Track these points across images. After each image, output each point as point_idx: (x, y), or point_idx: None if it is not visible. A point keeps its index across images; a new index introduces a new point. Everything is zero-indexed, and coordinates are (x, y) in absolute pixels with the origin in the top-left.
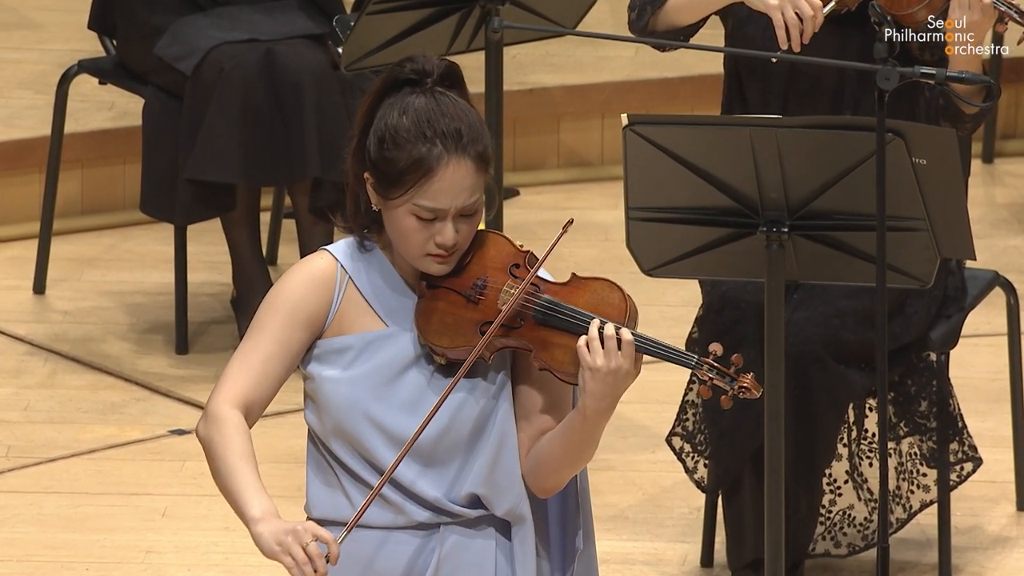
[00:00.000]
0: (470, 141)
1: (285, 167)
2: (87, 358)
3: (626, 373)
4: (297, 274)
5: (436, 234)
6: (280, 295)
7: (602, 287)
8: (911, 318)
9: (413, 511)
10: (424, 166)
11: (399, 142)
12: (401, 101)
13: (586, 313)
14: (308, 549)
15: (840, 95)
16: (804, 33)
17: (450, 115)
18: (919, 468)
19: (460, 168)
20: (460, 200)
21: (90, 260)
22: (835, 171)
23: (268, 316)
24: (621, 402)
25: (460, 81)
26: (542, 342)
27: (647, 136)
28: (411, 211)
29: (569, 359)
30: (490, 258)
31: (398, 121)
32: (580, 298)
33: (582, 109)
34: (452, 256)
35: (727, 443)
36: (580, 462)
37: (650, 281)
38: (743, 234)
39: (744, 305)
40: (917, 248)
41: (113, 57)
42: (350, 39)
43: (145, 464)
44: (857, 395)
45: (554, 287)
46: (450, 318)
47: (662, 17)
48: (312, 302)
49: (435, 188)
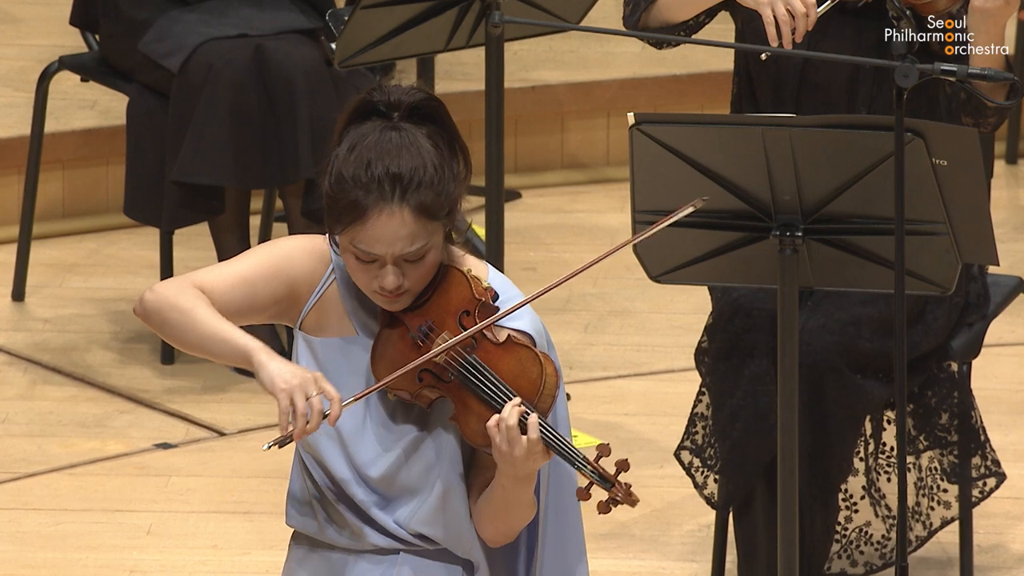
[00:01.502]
0: (412, 189)
1: (276, 168)
2: (68, 368)
3: (526, 458)
4: (299, 240)
5: (378, 277)
6: (279, 244)
7: (527, 358)
8: (931, 326)
9: (372, 536)
10: (357, 210)
11: (340, 181)
12: (357, 133)
13: (502, 387)
14: (311, 401)
15: (855, 92)
16: (796, 31)
17: (398, 158)
18: (939, 484)
19: (394, 218)
20: (396, 248)
21: (72, 266)
22: (852, 172)
23: (262, 253)
24: (627, 415)
25: (437, 116)
26: (462, 403)
27: (655, 136)
28: (352, 251)
29: (479, 429)
30: (446, 300)
31: (345, 158)
32: (505, 364)
33: (587, 108)
34: (403, 297)
35: (738, 457)
36: (512, 520)
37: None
38: (755, 238)
39: (756, 313)
40: (937, 253)
41: (96, 53)
42: (344, 34)
43: (129, 479)
44: (874, 407)
45: (489, 346)
46: (397, 353)
47: (655, 13)
48: (302, 269)
49: (368, 235)
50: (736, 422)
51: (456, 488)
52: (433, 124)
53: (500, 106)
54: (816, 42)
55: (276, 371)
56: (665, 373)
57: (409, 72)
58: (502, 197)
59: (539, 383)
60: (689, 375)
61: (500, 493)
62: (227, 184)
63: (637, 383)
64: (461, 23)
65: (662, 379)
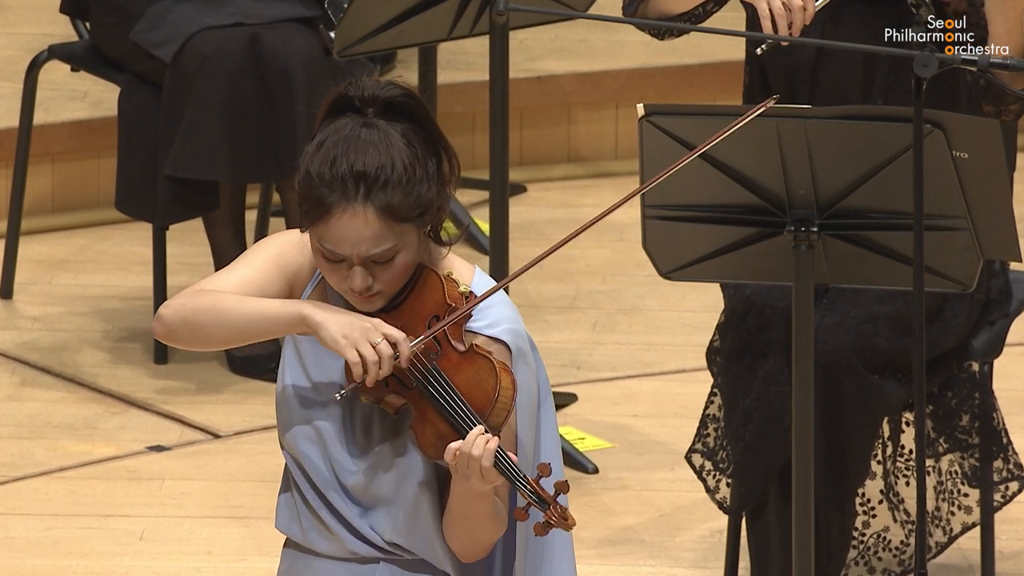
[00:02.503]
0: (377, 189)
1: (273, 162)
2: (58, 368)
3: (480, 481)
4: (291, 235)
5: (347, 278)
6: (274, 241)
7: (484, 368)
8: (951, 324)
9: (352, 543)
10: (321, 208)
11: (307, 177)
12: (329, 129)
13: (457, 400)
14: (379, 348)
15: (871, 83)
16: (793, 25)
17: (364, 155)
18: (960, 488)
19: (357, 218)
20: (361, 249)
21: (61, 262)
22: (869, 165)
23: (259, 252)
24: (636, 416)
25: (414, 114)
26: (420, 413)
27: (665, 128)
28: (319, 249)
29: (432, 441)
30: (420, 304)
31: (313, 153)
32: (463, 374)
33: (594, 98)
34: (375, 298)
35: (751, 460)
36: (476, 533)
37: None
38: (769, 234)
39: (770, 311)
40: (958, 249)
41: (87, 42)
42: (343, 23)
43: (121, 483)
44: (892, 408)
45: (451, 354)
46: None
47: (652, 4)
48: (297, 264)
49: (332, 234)
50: (749, 424)
51: (427, 500)
52: (410, 122)
53: (505, 97)
54: (830, 30)
55: (334, 325)
56: (676, 373)
57: (410, 62)
58: (506, 191)
59: (492, 396)
60: (701, 375)
61: (456, 505)
62: (222, 179)
63: (647, 383)
64: (464, 11)
65: (673, 379)
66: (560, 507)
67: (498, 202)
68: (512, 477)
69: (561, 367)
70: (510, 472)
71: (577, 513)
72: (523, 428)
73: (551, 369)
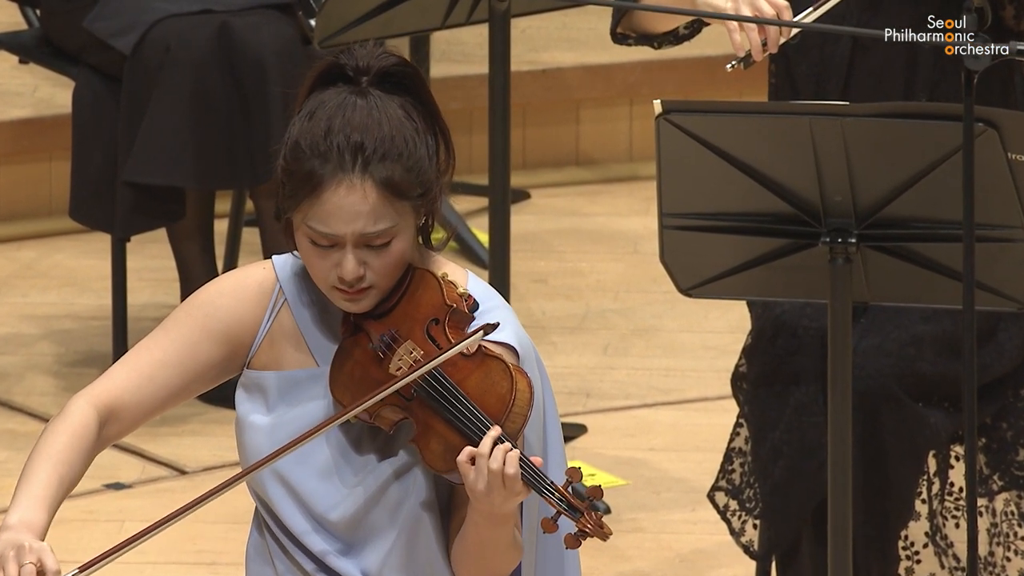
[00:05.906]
0: (376, 160)
1: (246, 166)
2: (4, 397)
3: (504, 499)
4: (228, 280)
5: (337, 266)
6: (200, 297)
7: (496, 370)
8: (1004, 347)
9: None
10: (312, 182)
11: (297, 150)
12: (318, 100)
13: (468, 406)
14: (22, 569)
15: (913, 77)
16: (768, 40)
17: (362, 126)
18: (1016, 530)
19: (355, 191)
20: (356, 226)
21: (7, 278)
22: (913, 169)
23: (180, 317)
24: (652, 450)
25: (410, 85)
26: (425, 425)
27: (685, 127)
28: (306, 233)
29: (440, 452)
30: (414, 307)
31: (303, 125)
32: (472, 379)
33: (605, 94)
34: (364, 294)
35: (781, 499)
36: (492, 564)
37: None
38: (802, 246)
39: (802, 332)
40: (1012, 262)
41: (36, 31)
42: (325, 9)
43: (77, 524)
44: (939, 441)
45: (456, 358)
46: (358, 371)
47: (635, 22)
48: (235, 316)
49: (324, 209)
50: (779, 459)
51: (429, 527)
52: (408, 94)
53: (506, 92)
54: (867, 19)
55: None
56: (697, 402)
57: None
58: (508, 198)
59: (508, 400)
60: (725, 404)
61: (473, 532)
62: (187, 186)
63: (664, 413)
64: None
65: (694, 409)
66: (595, 514)
67: (498, 210)
68: (538, 483)
69: (569, 395)
70: (535, 478)
71: (586, 559)
72: (531, 440)
73: (557, 397)
